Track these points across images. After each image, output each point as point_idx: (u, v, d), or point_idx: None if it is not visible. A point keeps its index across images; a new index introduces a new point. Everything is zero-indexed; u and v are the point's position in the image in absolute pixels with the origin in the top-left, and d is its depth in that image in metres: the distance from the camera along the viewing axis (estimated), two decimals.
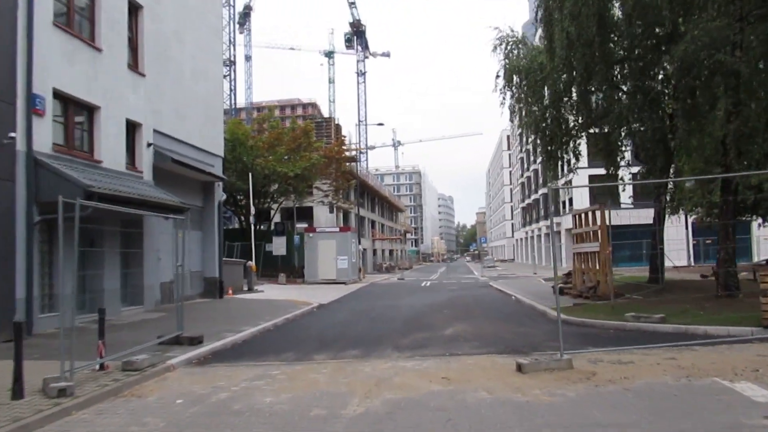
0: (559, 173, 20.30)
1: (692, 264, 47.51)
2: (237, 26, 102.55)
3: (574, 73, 14.67)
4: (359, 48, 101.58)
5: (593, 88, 15.72)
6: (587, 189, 50.30)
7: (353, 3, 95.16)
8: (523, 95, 18.05)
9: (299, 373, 8.39)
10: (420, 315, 15.71)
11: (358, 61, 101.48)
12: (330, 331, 12.89)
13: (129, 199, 13.70)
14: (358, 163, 43.71)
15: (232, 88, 55.02)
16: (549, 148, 18.88)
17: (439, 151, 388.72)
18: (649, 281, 17.92)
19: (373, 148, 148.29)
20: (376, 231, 74.37)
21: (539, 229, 70.39)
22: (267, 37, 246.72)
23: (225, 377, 8.31)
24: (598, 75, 14.36)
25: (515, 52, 18.50)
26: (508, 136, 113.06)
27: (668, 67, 14.14)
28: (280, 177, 35.03)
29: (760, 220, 33.18)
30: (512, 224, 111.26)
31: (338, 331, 12.84)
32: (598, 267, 16.85)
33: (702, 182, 20.34)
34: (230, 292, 24.27)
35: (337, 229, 36.29)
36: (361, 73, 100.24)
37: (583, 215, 18.20)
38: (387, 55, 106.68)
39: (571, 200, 53.64)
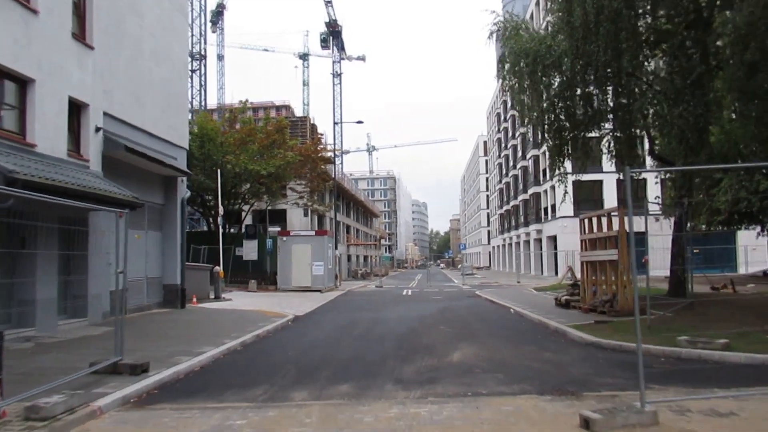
0: (560, 169, 18.23)
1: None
2: (210, 24, 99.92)
3: (599, 50, 12.57)
4: (335, 49, 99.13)
5: (615, 72, 13.69)
6: (570, 195, 48.91)
7: (329, 2, 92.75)
8: (529, 82, 15.94)
9: (273, 425, 6.08)
10: (414, 332, 13.48)
11: (333, 62, 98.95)
12: (310, 354, 10.57)
13: (66, 190, 11.20)
14: (335, 165, 41.37)
15: (203, 83, 52.29)
16: (557, 141, 16.83)
17: (414, 157, 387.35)
18: (669, 294, 16.01)
19: (347, 152, 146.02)
20: (351, 236, 72.03)
21: (518, 236, 68.85)
22: (241, 38, 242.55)
23: (170, 430, 5.97)
24: (627, 53, 12.32)
25: (518, 36, 16.38)
26: (485, 142, 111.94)
27: (719, 42, 12.13)
28: (252, 176, 32.52)
29: (758, 228, 31.78)
30: (488, 231, 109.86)
31: (320, 354, 10.52)
32: (614, 278, 14.82)
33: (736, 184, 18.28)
34: (194, 300, 21.78)
35: (313, 233, 33.87)
36: (336, 74, 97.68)
37: (595, 220, 16.19)
38: (362, 59, 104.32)
39: (554, 206, 52.06)
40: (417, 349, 10.84)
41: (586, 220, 16.79)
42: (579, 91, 15.68)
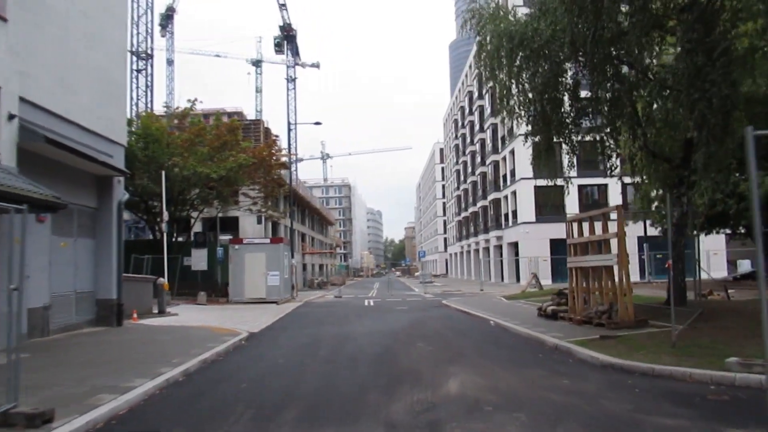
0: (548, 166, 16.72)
1: (644, 279, 45.58)
2: (159, 28, 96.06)
3: (596, 29, 11.03)
4: (289, 53, 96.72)
5: (611, 57, 12.26)
6: (532, 200, 47.99)
7: (284, 5, 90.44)
8: (511, 68, 14.35)
9: None
10: (390, 351, 11.60)
11: (288, 67, 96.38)
12: (269, 386, 8.56)
13: None
14: (291, 171, 39.20)
15: (149, 84, 49.31)
16: (546, 135, 15.29)
17: (368, 165, 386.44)
18: (668, 303, 14.62)
19: (301, 160, 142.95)
20: (307, 245, 69.73)
21: (477, 243, 67.84)
22: (192, 44, 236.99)
23: None
24: (635, 30, 10.83)
25: (503, 19, 14.78)
26: (441, 149, 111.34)
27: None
28: (201, 180, 30.09)
29: (727, 232, 31.10)
30: (445, 239, 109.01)
31: (281, 386, 8.51)
32: (610, 285, 13.32)
33: None
34: (135, 316, 19.39)
35: (268, 241, 31.68)
36: (291, 79, 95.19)
37: (586, 222, 14.69)
38: (317, 66, 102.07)
39: (515, 212, 51.12)
40: (400, 375, 8.96)
41: (575, 224, 15.29)
42: (569, 80, 14.25)
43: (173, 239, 33.38)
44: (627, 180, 30.76)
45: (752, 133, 4.97)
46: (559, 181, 18.50)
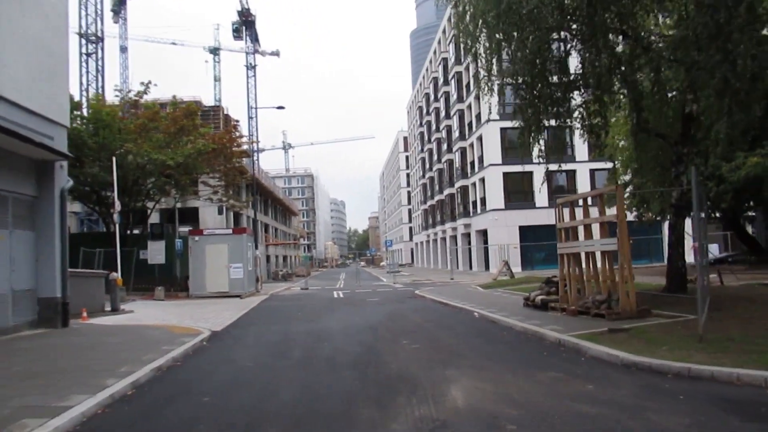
0: (537, 146, 15.53)
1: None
2: (111, 14, 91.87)
3: None
4: (248, 40, 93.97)
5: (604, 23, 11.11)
6: (501, 187, 47.15)
7: None
8: (494, 38, 13.08)
9: None
10: (373, 351, 10.28)
11: (247, 54, 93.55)
12: (236, 401, 7.14)
13: None
14: (252, 159, 37.39)
15: (100, 68, 46.50)
16: (535, 110, 14.09)
17: (331, 155, 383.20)
18: (668, 290, 13.73)
19: (263, 150, 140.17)
20: (270, 236, 67.84)
21: (444, 232, 67.03)
22: (146, 31, 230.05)
23: None
24: None
25: None
26: (405, 138, 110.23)
27: None
28: (157, 167, 28.16)
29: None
30: (410, 228, 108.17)
31: (252, 401, 7.11)
32: (608, 272, 12.27)
33: None
34: (84, 315, 17.70)
35: (230, 231, 29.96)
36: (251, 67, 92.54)
37: (581, 203, 13.61)
38: (276, 54, 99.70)
39: (483, 200, 50.29)
40: (392, 382, 7.65)
41: (566, 207, 14.21)
42: (559, 52, 13.10)
43: (128, 231, 31.39)
44: (608, 164, 29.64)
45: None
46: (529, 167, 17.19)
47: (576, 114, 15.48)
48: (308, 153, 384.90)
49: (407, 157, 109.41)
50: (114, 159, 22.54)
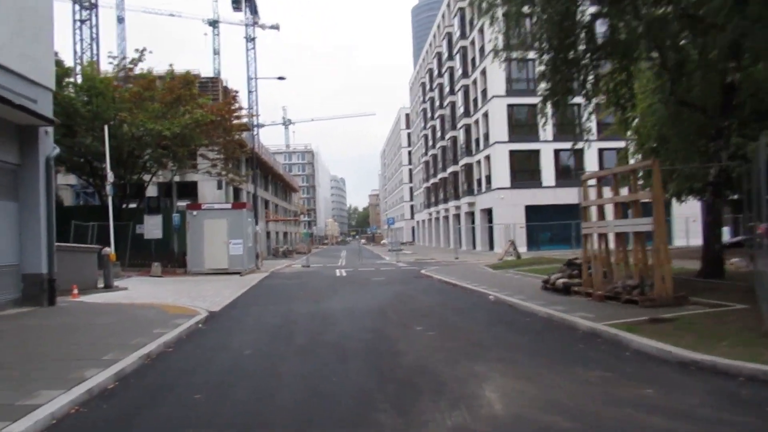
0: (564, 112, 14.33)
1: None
2: None
3: None
4: (248, 11, 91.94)
5: None
6: (507, 165, 45.87)
7: None
8: None
9: None
10: (384, 339, 9.30)
11: (246, 25, 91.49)
12: (233, 400, 6.08)
13: None
14: (252, 133, 36.17)
15: (94, 36, 44.98)
16: (564, 75, 12.88)
17: (331, 131, 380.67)
18: (704, 274, 12.72)
19: (263, 125, 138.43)
20: (270, 212, 66.82)
21: (447, 210, 65.99)
22: (144, 2, 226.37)
23: None
24: None
25: None
26: (407, 115, 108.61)
27: None
28: (154, 138, 26.99)
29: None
30: (411, 206, 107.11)
31: (251, 399, 6.08)
32: (641, 255, 11.24)
33: None
34: (75, 292, 16.76)
35: (229, 206, 28.89)
36: (250, 39, 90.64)
37: (613, 178, 12.52)
38: (276, 27, 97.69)
39: (488, 177, 49.14)
40: (411, 377, 6.65)
41: (593, 184, 13.13)
42: (588, 12, 11.91)
43: (123, 205, 30.31)
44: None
45: None
46: (536, 145, 16.06)
47: (602, 84, 14.29)
48: (309, 130, 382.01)
49: (409, 135, 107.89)
50: (106, 128, 21.35)
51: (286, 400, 6.05)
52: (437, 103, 68.34)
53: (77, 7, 44.70)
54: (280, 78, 34.37)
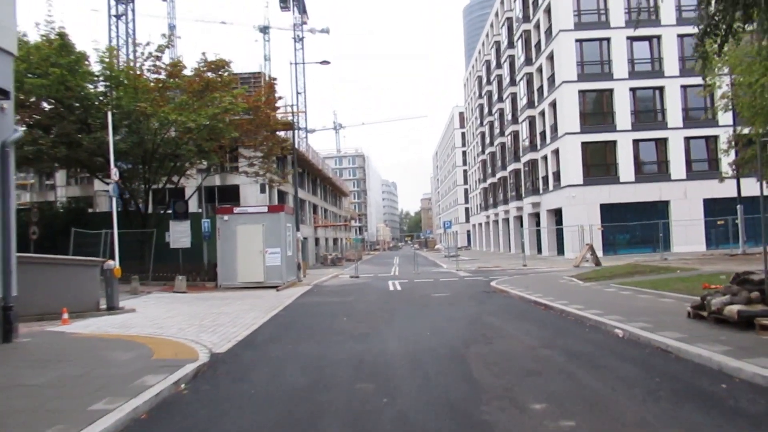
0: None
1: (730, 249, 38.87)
2: None
3: None
4: (296, 10, 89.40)
5: None
6: (579, 159, 40.64)
7: None
8: None
9: None
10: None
11: (294, 25, 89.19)
12: None
13: None
14: (293, 126, 32.41)
15: (131, 32, 42.42)
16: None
17: (382, 136, 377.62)
18: None
19: (313, 131, 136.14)
20: (319, 217, 63.35)
21: (507, 212, 60.96)
22: (197, 11, 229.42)
23: None
24: None
25: None
26: (461, 113, 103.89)
27: None
28: (179, 131, 23.50)
29: None
30: (466, 209, 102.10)
31: None
32: None
33: None
34: (65, 317, 13.42)
35: (265, 209, 25.10)
36: (298, 39, 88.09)
37: None
38: (326, 31, 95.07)
39: (556, 174, 44.06)
40: None
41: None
42: None
43: (149, 210, 27.02)
44: None
45: None
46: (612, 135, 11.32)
47: None
48: (359, 135, 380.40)
49: (463, 134, 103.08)
50: (110, 114, 17.77)
51: None
52: (495, 97, 63.46)
53: (113, 2, 42.24)
54: (324, 62, 30.44)
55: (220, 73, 24.91)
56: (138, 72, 24.61)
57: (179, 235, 24.54)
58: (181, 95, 24.18)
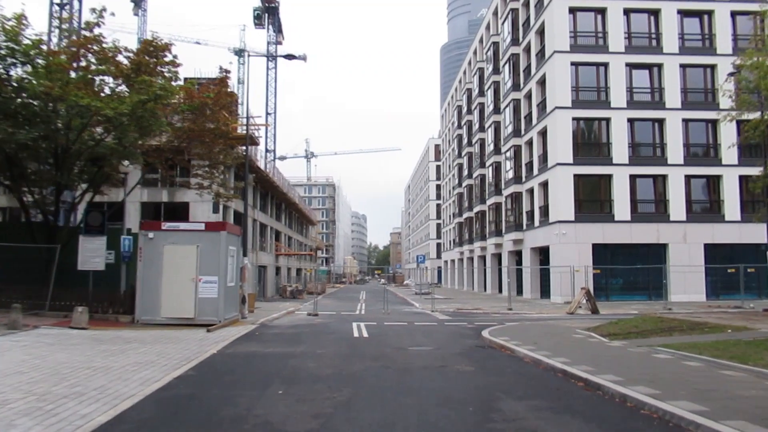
0: None
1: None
2: (132, 5, 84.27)
3: None
4: (270, 28, 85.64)
5: None
6: (570, 192, 36.55)
7: None
8: None
9: None
10: None
11: (269, 43, 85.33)
12: None
13: None
14: (247, 131, 27.54)
15: (77, 25, 37.68)
16: None
17: (353, 167, 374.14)
18: None
19: (284, 158, 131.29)
20: (282, 244, 58.14)
21: (484, 249, 56.68)
22: (169, 29, 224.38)
23: None
24: None
25: None
26: (437, 145, 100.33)
27: None
28: (98, 120, 18.50)
29: None
30: (438, 244, 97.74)
31: None
32: None
33: None
34: None
35: (202, 227, 19.97)
36: (272, 57, 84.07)
37: None
38: (303, 58, 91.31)
39: (543, 209, 39.94)
40: None
41: None
42: None
43: (58, 222, 21.71)
44: None
45: None
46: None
47: None
48: (331, 166, 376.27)
49: (438, 167, 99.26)
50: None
51: None
52: (476, 126, 59.65)
53: None
54: (292, 56, 25.71)
55: (158, 57, 20.01)
56: (52, 50, 19.63)
57: (91, 254, 19.34)
58: (105, 77, 19.25)
